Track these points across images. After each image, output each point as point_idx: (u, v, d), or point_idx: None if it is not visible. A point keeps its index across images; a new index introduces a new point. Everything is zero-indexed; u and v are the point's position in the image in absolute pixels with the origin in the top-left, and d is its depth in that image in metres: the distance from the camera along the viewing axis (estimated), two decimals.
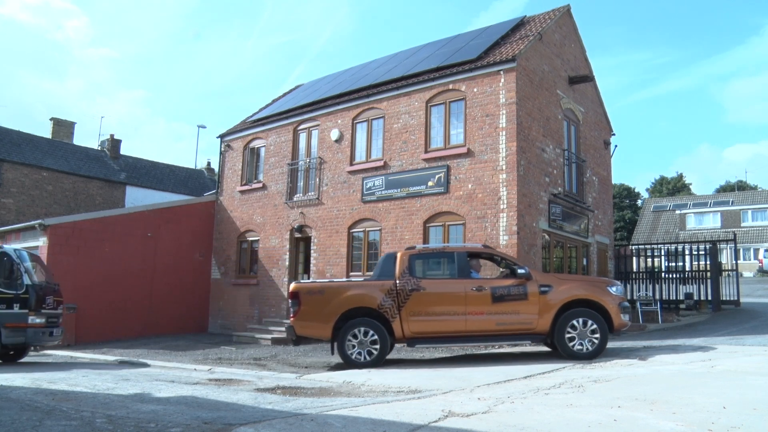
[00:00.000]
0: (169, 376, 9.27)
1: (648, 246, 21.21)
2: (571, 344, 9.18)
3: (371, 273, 14.99)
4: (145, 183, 26.72)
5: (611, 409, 5.10)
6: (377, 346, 9.51)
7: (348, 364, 9.61)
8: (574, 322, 9.20)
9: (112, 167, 26.39)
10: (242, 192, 19.09)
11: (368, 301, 9.66)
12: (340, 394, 7.11)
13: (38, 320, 11.40)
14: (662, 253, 20.03)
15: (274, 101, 21.71)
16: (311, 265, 16.54)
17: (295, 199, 17.34)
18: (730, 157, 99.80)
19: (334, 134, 16.49)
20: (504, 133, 13.21)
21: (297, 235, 17.16)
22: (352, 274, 15.52)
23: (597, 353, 9.11)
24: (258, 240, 18.27)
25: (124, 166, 27.06)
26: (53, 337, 12.00)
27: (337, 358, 10.07)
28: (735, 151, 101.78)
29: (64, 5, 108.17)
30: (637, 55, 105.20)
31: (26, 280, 11.35)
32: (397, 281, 9.65)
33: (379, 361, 9.57)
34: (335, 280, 12.39)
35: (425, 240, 14.19)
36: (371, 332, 9.52)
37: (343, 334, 9.60)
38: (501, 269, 10.90)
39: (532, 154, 13.75)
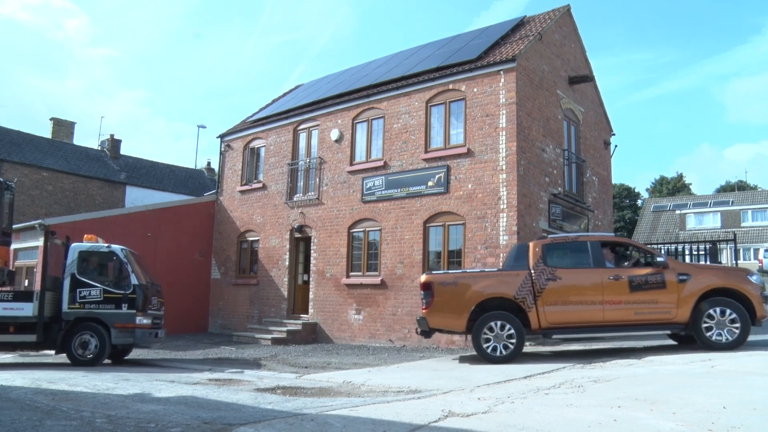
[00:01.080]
0: (169, 376, 9.27)
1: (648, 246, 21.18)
2: (709, 334, 8.94)
3: (372, 273, 15.05)
4: (145, 183, 26.72)
5: (611, 409, 5.10)
6: (513, 339, 9.19)
7: (484, 358, 9.33)
8: (712, 311, 8.93)
9: (112, 167, 26.38)
10: (242, 192, 19.09)
11: (504, 291, 9.43)
12: (340, 394, 7.11)
13: (145, 321, 11.26)
14: (662, 253, 19.99)
15: (274, 101, 21.72)
16: (311, 265, 16.54)
17: (295, 199, 17.34)
18: (730, 157, 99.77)
19: (334, 134, 16.49)
20: (504, 133, 13.21)
21: (297, 235, 17.16)
22: (352, 274, 15.53)
23: (738, 344, 8.81)
24: (258, 240, 18.28)
25: (124, 166, 27.06)
26: (158, 338, 11.79)
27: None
28: (736, 151, 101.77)
29: (64, 4, 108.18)
30: (638, 54, 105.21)
31: (134, 280, 11.21)
32: (532, 271, 9.46)
33: (516, 355, 9.24)
34: (468, 270, 11.99)
35: (425, 241, 14.19)
36: (507, 324, 9.22)
37: (479, 326, 9.32)
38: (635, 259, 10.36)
39: (532, 154, 13.75)
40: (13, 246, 18.05)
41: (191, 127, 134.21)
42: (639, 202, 59.23)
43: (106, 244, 11.78)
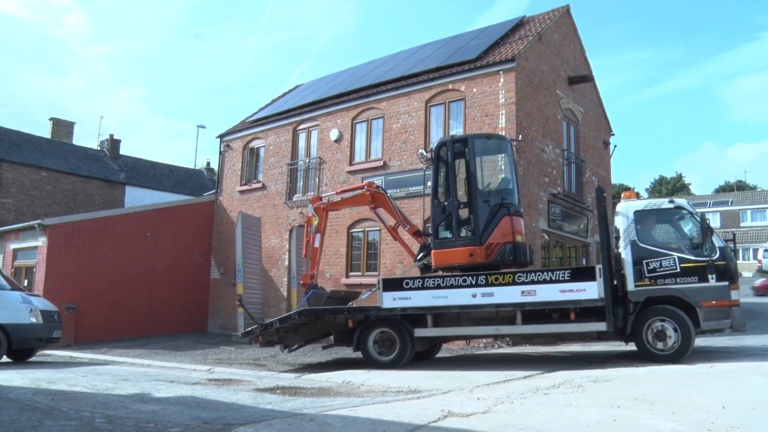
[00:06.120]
0: (169, 376, 9.26)
1: None
2: None
3: (371, 273, 15.04)
4: (145, 183, 26.70)
5: (610, 409, 5.10)
6: None
7: None
8: None
9: (111, 167, 26.36)
10: (242, 192, 19.09)
11: None
12: (339, 394, 7.11)
13: (738, 297, 8.53)
14: None
15: (273, 101, 21.72)
16: None
17: (294, 199, 17.34)
18: (733, 156, 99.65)
19: (334, 134, 16.48)
20: (503, 133, 13.20)
21: None
22: (351, 274, 15.52)
23: None
24: None
25: (123, 166, 27.04)
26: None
27: None
28: (738, 151, 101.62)
29: (62, 1, 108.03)
30: (640, 53, 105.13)
31: (717, 242, 8.59)
32: None
33: None
34: None
35: None
36: None
37: None
38: None
39: (532, 154, 13.75)
40: (13, 246, 18.08)
41: (191, 126, 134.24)
42: None
43: (667, 199, 9.55)
